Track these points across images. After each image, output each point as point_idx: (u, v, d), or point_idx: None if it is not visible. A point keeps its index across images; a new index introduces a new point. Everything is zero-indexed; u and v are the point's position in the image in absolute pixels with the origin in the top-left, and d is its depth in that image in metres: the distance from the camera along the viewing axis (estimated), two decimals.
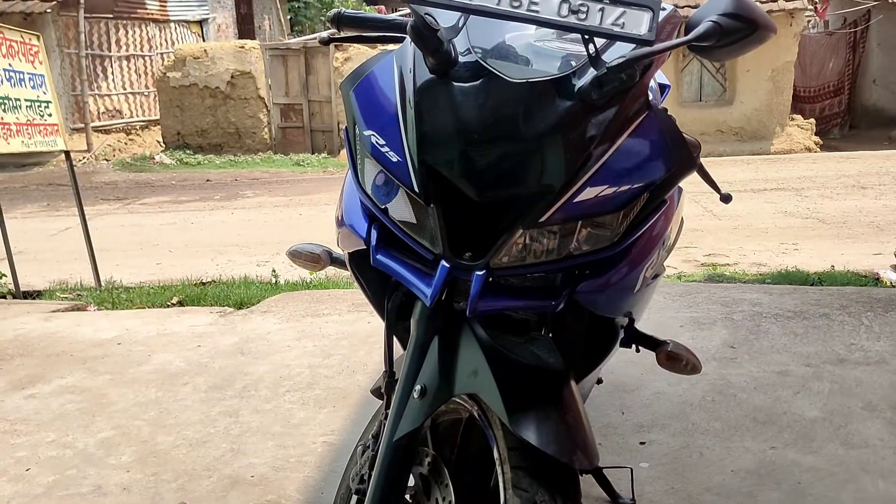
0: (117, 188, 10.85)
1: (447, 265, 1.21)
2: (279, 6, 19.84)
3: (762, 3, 11.68)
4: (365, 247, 1.35)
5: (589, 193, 1.19)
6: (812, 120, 13.05)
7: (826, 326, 3.37)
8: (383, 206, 1.29)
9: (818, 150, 12.24)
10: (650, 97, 1.29)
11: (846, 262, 4.80)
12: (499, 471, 1.23)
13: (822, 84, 14.63)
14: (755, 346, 3.15)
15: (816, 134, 12.74)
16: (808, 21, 15.30)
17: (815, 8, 14.53)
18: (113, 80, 14.94)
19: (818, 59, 14.53)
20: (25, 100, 4.69)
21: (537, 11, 1.12)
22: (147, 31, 15.71)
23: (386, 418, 1.34)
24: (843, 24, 15.26)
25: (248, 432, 2.62)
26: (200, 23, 17.45)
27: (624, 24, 1.11)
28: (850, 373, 2.88)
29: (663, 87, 2.10)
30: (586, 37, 1.15)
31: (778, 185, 8.52)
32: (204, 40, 16.76)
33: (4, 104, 4.48)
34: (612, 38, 1.13)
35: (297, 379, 3.07)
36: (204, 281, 4.98)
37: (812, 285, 4.17)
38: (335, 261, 1.74)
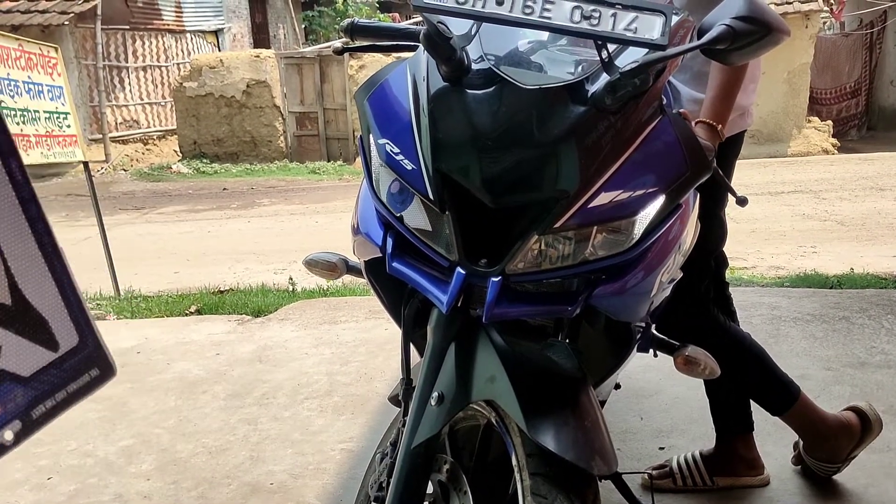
0: (135, 198, 10.92)
1: (463, 272, 1.21)
2: (293, 15, 19.95)
3: (777, 5, 11.61)
4: (381, 255, 1.35)
5: (604, 199, 1.19)
6: (829, 122, 12.92)
7: (846, 329, 3.34)
8: (398, 214, 1.29)
9: (836, 152, 12.12)
10: (664, 101, 1.29)
11: (866, 264, 4.76)
12: (517, 477, 1.23)
13: (838, 86, 14.51)
14: (774, 350, 3.09)
15: (834, 136, 12.61)
16: (824, 22, 15.21)
17: (831, 9, 14.43)
18: (130, 90, 15.08)
19: (834, 61, 14.42)
20: (44, 111, 4.73)
21: (550, 18, 1.12)
22: (163, 42, 15.85)
23: (404, 425, 1.34)
24: (859, 26, 15.16)
25: (267, 440, 2.63)
26: (216, 33, 17.58)
27: (636, 28, 1.11)
28: (871, 376, 2.86)
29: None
30: (599, 42, 1.15)
31: (795, 187, 8.46)
32: (219, 50, 16.88)
33: (24, 116, 4.52)
34: (625, 43, 1.13)
35: (315, 386, 3.07)
36: (222, 289, 5.00)
37: (831, 288, 4.13)
38: (351, 269, 1.74)
